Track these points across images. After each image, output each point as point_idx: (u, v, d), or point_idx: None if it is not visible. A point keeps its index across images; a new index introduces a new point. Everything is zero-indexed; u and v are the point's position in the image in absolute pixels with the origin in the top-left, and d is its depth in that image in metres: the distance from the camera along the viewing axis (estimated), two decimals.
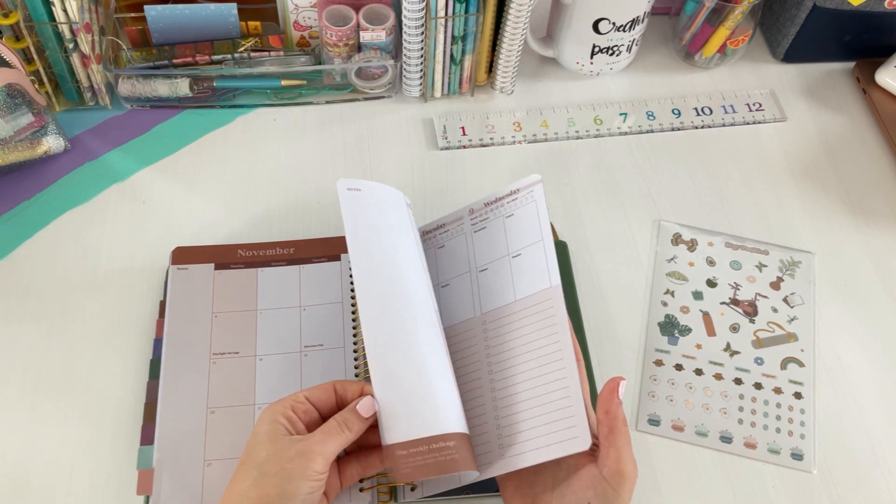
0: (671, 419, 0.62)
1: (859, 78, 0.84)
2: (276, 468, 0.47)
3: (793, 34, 0.82)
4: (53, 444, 0.59)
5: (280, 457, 0.47)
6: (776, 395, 0.63)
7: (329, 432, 0.49)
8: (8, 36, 0.70)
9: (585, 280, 0.69)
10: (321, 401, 0.52)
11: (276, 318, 0.63)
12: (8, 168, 0.71)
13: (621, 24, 0.76)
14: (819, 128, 0.81)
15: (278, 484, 0.46)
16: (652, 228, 0.73)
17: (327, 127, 0.78)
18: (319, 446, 0.48)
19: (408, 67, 0.76)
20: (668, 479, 0.60)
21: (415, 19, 0.71)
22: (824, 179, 0.77)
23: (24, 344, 0.63)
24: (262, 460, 0.47)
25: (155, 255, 0.68)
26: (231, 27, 0.76)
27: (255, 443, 0.49)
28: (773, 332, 0.67)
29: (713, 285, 0.69)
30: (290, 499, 0.46)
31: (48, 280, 0.66)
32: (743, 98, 0.83)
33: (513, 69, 0.78)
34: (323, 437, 0.49)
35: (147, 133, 0.76)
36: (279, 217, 0.71)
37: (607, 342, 0.66)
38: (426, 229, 0.66)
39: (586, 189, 0.75)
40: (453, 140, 0.77)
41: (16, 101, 0.69)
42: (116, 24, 0.78)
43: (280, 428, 0.49)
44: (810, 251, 0.72)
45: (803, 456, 0.61)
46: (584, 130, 0.79)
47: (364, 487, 0.55)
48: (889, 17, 0.80)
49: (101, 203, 0.71)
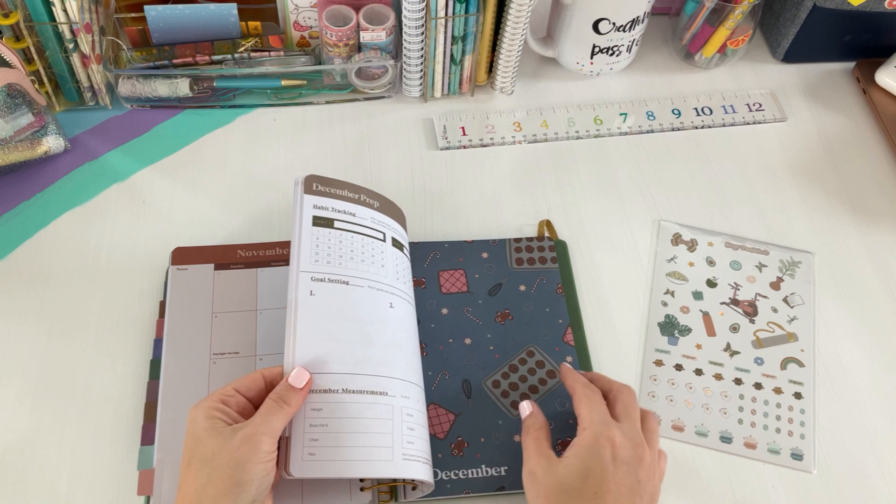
0: (671, 419, 0.62)
1: (859, 78, 0.84)
2: (225, 459, 0.47)
3: (793, 34, 0.82)
4: (54, 444, 0.59)
5: (226, 447, 0.47)
6: (776, 395, 0.63)
7: (268, 411, 0.49)
8: (8, 36, 0.70)
9: (585, 280, 0.69)
10: (251, 390, 0.52)
11: (277, 318, 0.63)
12: (8, 168, 0.71)
13: (621, 25, 0.76)
14: (819, 128, 0.81)
15: (231, 475, 0.46)
16: (652, 228, 0.73)
17: (327, 127, 0.78)
18: (263, 427, 0.48)
19: (408, 67, 0.76)
20: (668, 479, 0.59)
21: (415, 19, 0.71)
22: (824, 179, 0.77)
23: (24, 344, 0.63)
24: (210, 455, 0.47)
25: (155, 254, 0.68)
26: (231, 27, 0.76)
27: (195, 441, 0.48)
28: (773, 332, 0.67)
29: (713, 285, 0.69)
30: (246, 485, 0.46)
31: (48, 280, 0.66)
32: (743, 98, 0.83)
33: (513, 69, 0.78)
34: (263, 417, 0.49)
35: (147, 133, 0.76)
36: (279, 217, 0.71)
37: (607, 342, 0.66)
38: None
39: (586, 189, 0.75)
40: (453, 140, 0.77)
41: (16, 101, 0.69)
42: (116, 24, 0.78)
43: (217, 422, 0.49)
44: (810, 251, 0.72)
45: (803, 456, 0.61)
46: (584, 130, 0.79)
47: (364, 487, 0.55)
48: (889, 17, 0.80)
49: (101, 203, 0.71)
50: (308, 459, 0.49)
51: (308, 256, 0.56)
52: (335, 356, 0.53)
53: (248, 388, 0.51)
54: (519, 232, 0.71)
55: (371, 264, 0.59)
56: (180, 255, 0.65)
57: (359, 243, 0.59)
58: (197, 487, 0.47)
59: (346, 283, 0.56)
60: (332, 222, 0.59)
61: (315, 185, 0.60)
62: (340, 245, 0.58)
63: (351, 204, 0.61)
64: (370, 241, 0.60)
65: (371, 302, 0.57)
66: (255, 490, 0.47)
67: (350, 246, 0.59)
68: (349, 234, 0.59)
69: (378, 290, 0.58)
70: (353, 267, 0.58)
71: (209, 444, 0.47)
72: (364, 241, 0.60)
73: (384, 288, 0.58)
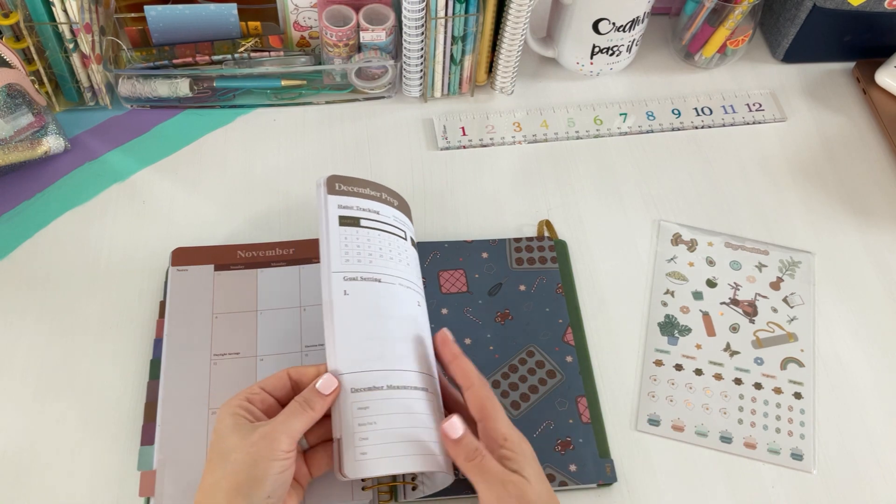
0: (671, 419, 0.62)
1: (859, 78, 0.84)
2: (242, 455, 0.47)
3: (793, 34, 0.82)
4: (54, 444, 0.59)
5: (244, 443, 0.48)
6: (776, 395, 0.63)
7: (291, 413, 0.50)
8: (8, 36, 0.70)
9: (585, 280, 0.69)
10: (276, 389, 0.52)
11: (277, 318, 0.63)
12: (8, 168, 0.71)
13: (621, 25, 0.76)
14: (819, 128, 0.81)
15: (246, 469, 0.47)
16: (652, 228, 0.73)
17: (327, 127, 0.78)
18: (283, 426, 0.49)
19: (408, 67, 0.76)
20: (668, 479, 0.60)
21: (415, 19, 0.71)
22: (824, 179, 0.77)
23: (24, 344, 0.63)
24: (229, 450, 0.48)
25: (155, 255, 0.68)
26: (231, 27, 0.76)
27: (218, 438, 0.49)
28: (772, 332, 0.67)
29: (713, 285, 0.69)
30: (260, 481, 0.47)
31: (48, 280, 0.66)
32: (743, 98, 0.83)
33: (513, 69, 0.78)
34: (285, 417, 0.49)
35: (147, 133, 0.76)
36: (279, 217, 0.71)
37: (607, 342, 0.66)
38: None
39: (586, 189, 0.75)
40: (453, 140, 0.77)
41: (16, 101, 0.69)
42: (116, 24, 0.78)
43: (240, 419, 0.49)
44: (810, 251, 0.72)
45: (803, 456, 0.61)
46: (584, 130, 0.79)
47: (365, 486, 0.55)
48: (889, 17, 0.80)
49: (101, 203, 0.71)
50: (361, 459, 0.49)
51: (338, 256, 0.56)
52: (376, 353, 0.53)
53: (274, 387, 0.52)
54: (519, 232, 0.71)
55: (399, 262, 0.59)
56: (180, 255, 0.65)
57: (386, 241, 0.59)
58: (213, 481, 0.47)
59: (378, 281, 0.56)
60: (358, 221, 0.59)
61: (337, 185, 0.60)
62: (369, 243, 0.58)
63: (374, 202, 0.61)
64: (396, 240, 0.60)
65: (403, 299, 0.57)
66: (269, 487, 0.47)
67: (378, 244, 0.58)
68: (376, 231, 0.59)
69: (407, 288, 0.58)
70: (383, 264, 0.57)
71: (228, 441, 0.48)
72: (391, 239, 0.60)
73: (411, 286, 0.58)
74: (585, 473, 0.58)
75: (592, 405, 0.61)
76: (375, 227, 0.59)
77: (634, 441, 0.61)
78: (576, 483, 0.58)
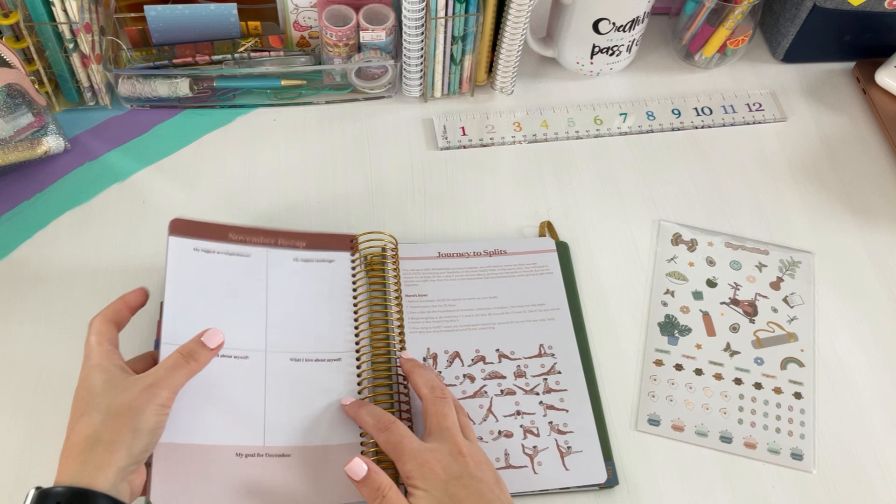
0: (671, 419, 0.62)
1: (859, 78, 0.84)
2: (123, 406, 0.47)
3: (793, 34, 0.82)
4: (53, 444, 0.58)
5: (125, 395, 0.48)
6: (776, 395, 0.63)
7: (173, 365, 0.50)
8: (8, 36, 0.70)
9: (586, 280, 0.69)
10: (121, 318, 0.54)
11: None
12: (8, 168, 0.71)
13: (621, 24, 0.76)
14: (819, 128, 0.81)
15: (128, 422, 0.47)
16: (652, 228, 0.73)
17: (327, 127, 0.78)
18: (165, 381, 0.49)
19: (408, 67, 0.76)
20: (668, 479, 0.60)
21: (415, 19, 0.71)
22: (824, 179, 0.77)
23: (24, 344, 0.63)
24: (108, 402, 0.48)
25: (155, 255, 0.68)
26: (231, 27, 0.76)
27: (90, 394, 0.49)
28: (773, 332, 0.67)
29: (713, 285, 0.69)
30: (140, 433, 0.47)
31: (48, 280, 0.66)
32: (743, 98, 0.83)
33: (513, 69, 0.78)
34: (167, 371, 0.49)
35: (147, 133, 0.76)
36: (279, 217, 0.71)
37: (607, 342, 0.66)
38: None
39: (586, 189, 0.75)
40: (453, 140, 0.77)
41: (16, 101, 0.69)
42: (116, 24, 0.78)
43: (117, 372, 0.49)
44: (810, 251, 0.72)
45: (803, 456, 0.61)
46: (584, 130, 0.79)
47: None
48: (889, 17, 0.80)
49: (101, 203, 0.71)
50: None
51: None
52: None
53: (118, 315, 0.54)
54: (519, 232, 0.71)
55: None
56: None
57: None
58: (90, 434, 0.47)
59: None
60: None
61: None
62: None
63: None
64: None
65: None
66: (146, 440, 0.47)
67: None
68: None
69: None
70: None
71: (108, 393, 0.48)
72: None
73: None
74: (588, 476, 0.58)
75: (595, 407, 0.61)
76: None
77: (634, 441, 0.61)
78: (578, 486, 0.58)
